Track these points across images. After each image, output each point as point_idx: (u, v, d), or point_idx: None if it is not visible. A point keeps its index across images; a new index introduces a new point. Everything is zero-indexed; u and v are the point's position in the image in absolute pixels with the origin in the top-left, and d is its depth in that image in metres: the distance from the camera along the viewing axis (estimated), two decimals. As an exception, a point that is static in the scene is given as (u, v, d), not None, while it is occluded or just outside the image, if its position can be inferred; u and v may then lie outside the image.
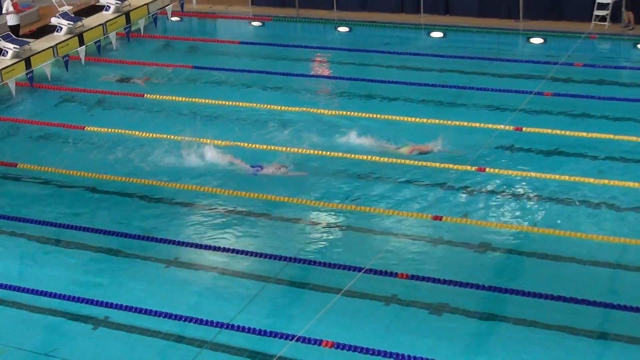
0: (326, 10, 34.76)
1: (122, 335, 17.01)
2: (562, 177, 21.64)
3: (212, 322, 17.04)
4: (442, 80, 28.13)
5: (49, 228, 20.84)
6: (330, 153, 23.40)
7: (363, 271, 17.52)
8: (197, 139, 24.41)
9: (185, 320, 17.16)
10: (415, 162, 22.67)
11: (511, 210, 20.60)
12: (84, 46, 30.78)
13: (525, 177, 21.84)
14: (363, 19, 33.78)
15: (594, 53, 29.97)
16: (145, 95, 27.98)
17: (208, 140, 24.33)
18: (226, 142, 24.15)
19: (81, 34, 31.99)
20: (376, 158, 23.05)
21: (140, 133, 25.30)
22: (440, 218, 20.26)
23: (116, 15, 33.73)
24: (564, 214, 20.30)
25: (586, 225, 19.81)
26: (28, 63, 29.53)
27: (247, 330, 16.79)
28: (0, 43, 28.28)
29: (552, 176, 21.73)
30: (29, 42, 30.53)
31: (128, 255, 19.70)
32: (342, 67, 30.35)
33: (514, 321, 16.77)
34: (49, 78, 29.23)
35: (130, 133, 25.36)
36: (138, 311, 17.51)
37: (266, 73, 29.45)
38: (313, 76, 29.94)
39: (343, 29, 33.35)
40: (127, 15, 34.06)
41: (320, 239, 19.95)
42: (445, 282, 17.88)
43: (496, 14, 32.81)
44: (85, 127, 25.96)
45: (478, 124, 24.50)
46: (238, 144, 24.01)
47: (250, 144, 24.02)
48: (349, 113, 25.92)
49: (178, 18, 35.42)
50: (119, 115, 27.08)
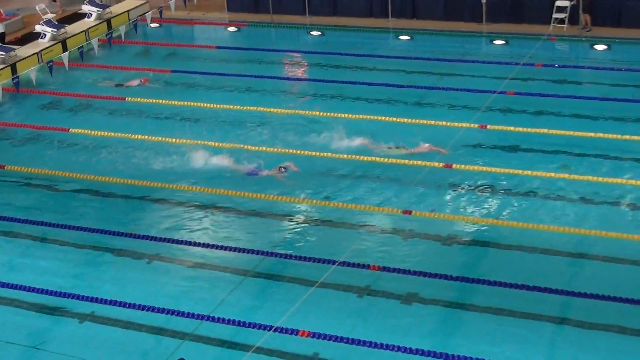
0: (299, 15, 34.72)
1: (107, 328, 16.97)
2: (525, 172, 21.72)
3: (194, 315, 17.02)
4: (410, 81, 28.16)
5: (35, 227, 20.73)
6: (303, 152, 23.38)
7: (337, 264, 17.54)
8: (177, 140, 24.38)
9: (167, 312, 17.14)
10: (385, 160, 22.69)
11: (477, 204, 20.67)
12: (68, 52, 30.67)
13: (490, 173, 21.92)
14: (334, 24, 33.79)
15: (554, 54, 30.09)
16: (126, 98, 27.86)
17: (187, 140, 24.30)
18: (205, 142, 24.07)
19: (64, 41, 31.94)
20: (348, 156, 23.04)
21: (122, 134, 25.20)
22: (409, 212, 20.30)
23: (98, 22, 33.73)
24: (527, 207, 20.40)
25: (548, 217, 19.91)
26: (14, 69, 29.44)
27: (227, 321, 16.79)
28: (-14, 50, 28.17)
29: (516, 171, 21.82)
30: (15, 49, 30.45)
31: (112, 251, 19.63)
32: (315, 70, 30.35)
33: (480, 309, 16.87)
34: (34, 83, 29.10)
35: (112, 135, 25.24)
36: (122, 305, 17.47)
37: (242, 76, 29.38)
38: (287, 78, 29.92)
39: (315, 33, 33.33)
40: (109, 22, 34.05)
41: (295, 234, 19.96)
42: (414, 273, 17.93)
43: (461, 18, 32.91)
44: (69, 130, 25.83)
45: (444, 123, 24.54)
46: (217, 144, 23.94)
47: (228, 144, 23.96)
48: (322, 113, 25.91)
49: (157, 24, 35.29)
50: (102, 117, 26.95)
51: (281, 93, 28.19)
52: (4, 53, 29.10)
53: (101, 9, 34.22)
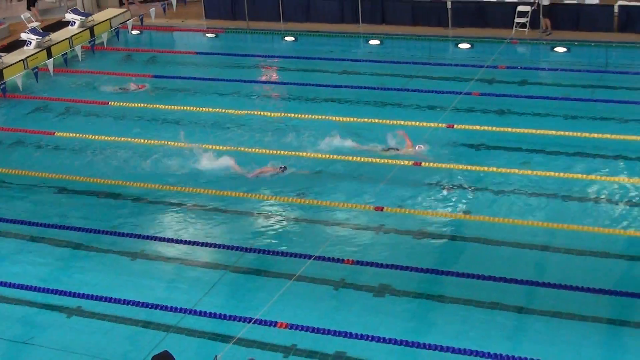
0: (274, 22, 34.67)
1: (94, 322, 16.90)
2: (491, 169, 21.83)
3: (177, 309, 16.99)
4: (380, 83, 28.21)
5: (23, 226, 20.61)
6: (280, 151, 23.36)
7: (313, 258, 17.55)
8: (158, 142, 24.32)
9: (151, 307, 17.09)
10: (357, 158, 22.73)
11: (446, 199, 20.75)
12: (52, 59, 30.49)
13: (457, 170, 22.00)
14: (307, 29, 33.77)
15: (516, 56, 30.23)
16: (109, 102, 27.73)
17: (168, 142, 24.24)
18: (185, 144, 24.01)
19: (49, 48, 31.79)
20: (323, 155, 23.05)
21: (105, 137, 25.09)
22: (381, 209, 20.35)
23: (81, 29, 33.59)
24: (493, 202, 20.49)
25: (513, 211, 20.01)
26: (1, 75, 29.27)
27: (209, 314, 16.78)
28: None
29: (482, 168, 21.92)
30: (1, 56, 30.30)
31: (97, 249, 19.56)
32: (290, 73, 30.33)
33: (451, 300, 16.93)
34: (21, 88, 28.91)
35: (96, 138, 25.12)
36: (108, 300, 17.41)
37: (220, 80, 29.32)
38: (263, 82, 29.90)
39: (289, 39, 33.30)
40: (91, 29, 33.91)
41: (273, 230, 19.95)
42: (387, 267, 17.98)
43: (427, 23, 32.97)
44: (55, 133, 25.68)
45: (414, 123, 24.58)
46: (197, 145, 23.84)
47: (208, 145, 23.89)
48: (296, 115, 25.91)
49: (138, 32, 35.13)
50: (86, 121, 26.80)
51: (258, 96, 28.15)
52: (-9, 60, 28.97)
53: (84, 17, 34.10)
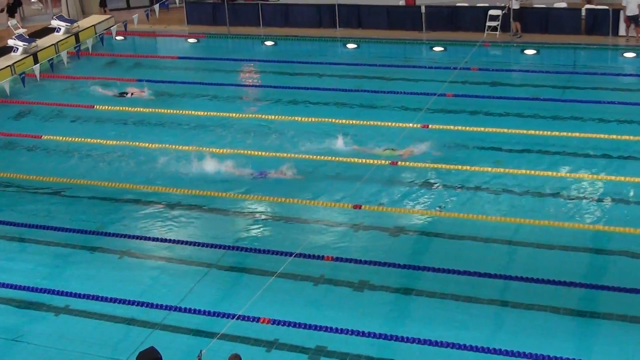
0: (254, 27, 34.62)
1: (82, 320, 16.78)
2: (464, 167, 21.86)
3: (162, 306, 16.90)
4: (358, 85, 28.21)
5: (11, 227, 20.42)
6: (261, 153, 23.32)
7: (294, 255, 17.48)
8: (143, 144, 24.21)
9: (137, 304, 16.99)
10: (335, 159, 22.71)
11: (421, 197, 20.75)
12: (39, 64, 30.28)
13: (432, 169, 22.01)
14: (286, 34, 33.73)
15: (488, 59, 30.29)
16: (95, 106, 27.57)
17: (153, 144, 24.13)
18: (170, 146, 23.92)
19: (35, 54, 31.62)
20: (302, 156, 23.01)
21: (91, 140, 24.95)
22: (359, 207, 20.32)
23: (66, 36, 33.45)
24: (466, 199, 20.51)
25: (485, 208, 20.05)
26: (-12, 81, 29.05)
27: (193, 311, 16.69)
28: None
29: (456, 167, 21.94)
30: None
31: (84, 249, 19.42)
32: (269, 77, 30.26)
33: (427, 294, 16.93)
34: (8, 93, 28.67)
35: (82, 140, 24.98)
36: (95, 298, 17.29)
37: (203, 84, 29.24)
38: (244, 85, 29.83)
39: (269, 43, 33.25)
40: (77, 35, 33.78)
41: (255, 229, 19.89)
42: (365, 263, 17.95)
43: (402, 27, 33.00)
44: (42, 136, 25.50)
45: (390, 123, 24.61)
46: (181, 147, 23.79)
47: (191, 147, 23.80)
48: (277, 117, 25.85)
49: (122, 37, 35.00)
50: (72, 124, 26.65)
51: (239, 99, 28.10)
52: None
53: (69, 24, 33.97)
